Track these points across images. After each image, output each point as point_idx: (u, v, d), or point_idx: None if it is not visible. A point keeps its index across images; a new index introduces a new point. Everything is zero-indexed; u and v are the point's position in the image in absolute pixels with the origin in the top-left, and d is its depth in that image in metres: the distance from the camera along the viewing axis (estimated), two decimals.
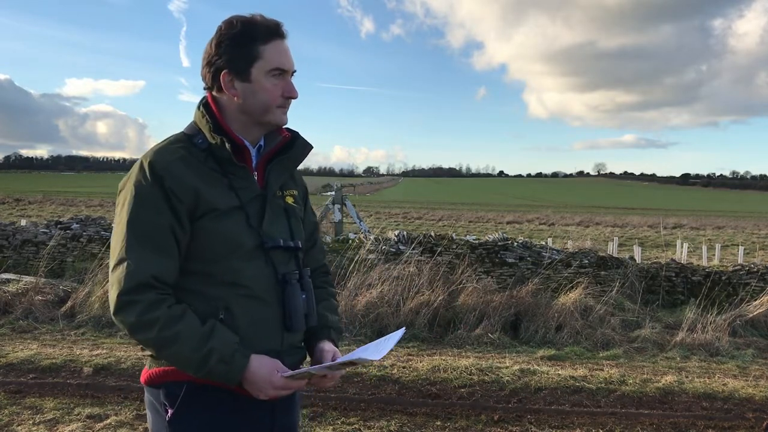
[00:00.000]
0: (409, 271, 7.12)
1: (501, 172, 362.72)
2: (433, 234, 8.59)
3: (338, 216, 12.93)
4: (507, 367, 5.30)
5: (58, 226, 9.04)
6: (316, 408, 4.26)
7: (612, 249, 14.63)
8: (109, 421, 3.95)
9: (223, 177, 1.60)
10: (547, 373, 5.19)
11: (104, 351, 5.51)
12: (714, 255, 15.45)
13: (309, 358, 1.75)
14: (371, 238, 8.46)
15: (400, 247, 8.09)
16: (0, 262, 8.27)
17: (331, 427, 3.98)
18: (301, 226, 1.76)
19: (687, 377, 5.29)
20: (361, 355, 1.51)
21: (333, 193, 13.62)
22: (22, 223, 10.46)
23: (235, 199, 1.59)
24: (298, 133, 1.75)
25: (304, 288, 1.68)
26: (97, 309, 6.54)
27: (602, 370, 5.40)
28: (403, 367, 5.22)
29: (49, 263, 7.92)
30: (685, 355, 6.15)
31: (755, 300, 7.38)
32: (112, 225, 1.69)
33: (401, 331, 1.69)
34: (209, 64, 1.62)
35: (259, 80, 1.60)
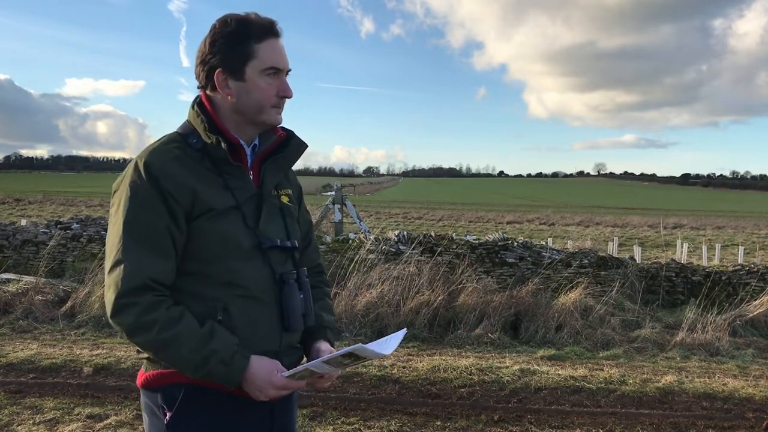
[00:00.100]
0: (409, 271, 7.12)
1: (501, 172, 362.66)
2: (433, 234, 8.59)
3: (338, 216, 12.93)
4: (507, 367, 5.30)
5: (58, 226, 9.04)
6: (316, 408, 4.26)
7: (612, 249, 14.64)
8: (109, 421, 3.95)
9: (218, 177, 1.58)
10: (547, 373, 5.19)
11: (104, 351, 5.51)
12: (714, 255, 15.45)
13: (305, 359, 1.74)
14: (371, 238, 8.46)
15: (400, 247, 8.09)
16: (0, 262, 8.27)
17: (331, 427, 3.98)
18: (296, 226, 1.75)
19: (687, 377, 5.29)
20: (361, 347, 1.48)
21: (333, 193, 13.61)
22: (22, 223, 10.47)
23: (232, 199, 1.58)
24: (293, 132, 1.74)
25: (301, 288, 1.67)
26: (97, 309, 6.54)
27: (602, 370, 5.40)
28: (403, 367, 5.22)
29: (49, 263, 7.92)
30: (685, 355, 6.15)
31: (755, 300, 7.38)
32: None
33: (402, 332, 1.68)
34: (203, 62, 1.61)
35: (254, 79, 1.58)
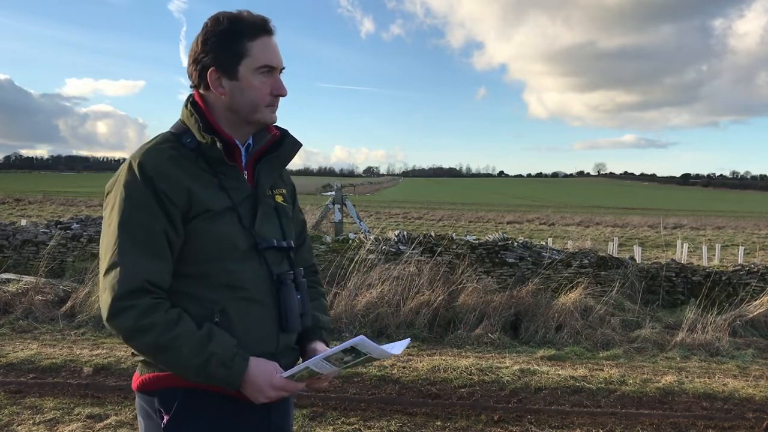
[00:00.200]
0: (409, 271, 7.12)
1: (501, 172, 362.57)
2: (433, 234, 8.59)
3: (338, 216, 12.94)
4: (507, 367, 5.30)
5: (59, 226, 9.04)
6: (316, 408, 4.26)
7: (612, 249, 14.63)
8: (109, 421, 3.95)
9: (213, 177, 1.56)
10: (547, 373, 5.19)
11: (104, 351, 5.51)
12: (714, 255, 15.45)
13: (301, 360, 1.72)
14: (371, 238, 8.46)
15: (400, 247, 8.08)
16: (0, 262, 8.27)
17: (331, 427, 3.97)
18: (291, 226, 1.74)
19: (687, 377, 5.29)
20: (362, 339, 1.46)
21: (333, 193, 13.62)
22: (23, 223, 10.47)
23: (227, 200, 1.56)
24: (287, 131, 1.71)
25: (298, 288, 1.65)
26: (97, 309, 6.53)
27: (602, 370, 5.39)
28: (403, 367, 5.22)
29: (49, 263, 7.92)
30: (685, 355, 6.15)
31: (755, 300, 7.38)
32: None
33: (406, 341, 1.66)
34: (196, 61, 1.58)
35: (247, 78, 1.56)
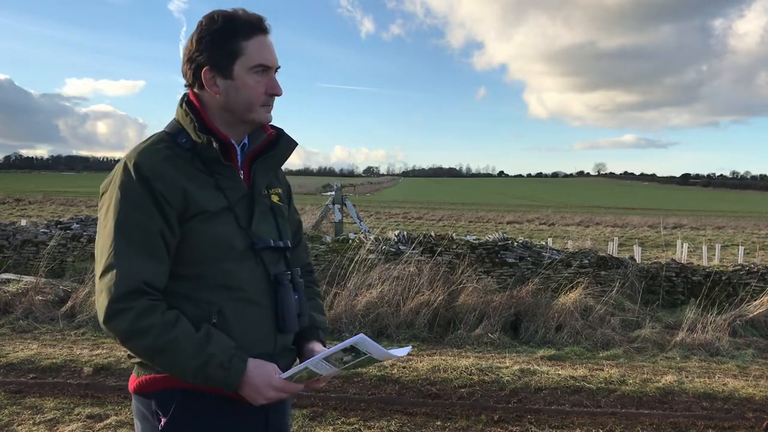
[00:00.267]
0: (409, 271, 7.12)
1: (501, 172, 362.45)
2: (433, 234, 8.59)
3: (338, 216, 12.94)
4: (507, 367, 5.30)
5: (59, 226, 9.04)
6: (316, 408, 4.26)
7: (612, 249, 14.63)
8: (109, 421, 3.95)
9: (209, 177, 1.54)
10: (547, 373, 5.19)
11: (104, 351, 5.51)
12: (714, 255, 15.44)
13: (298, 361, 1.72)
14: (371, 238, 8.46)
15: (400, 247, 8.09)
16: (0, 262, 8.27)
17: (331, 427, 3.98)
18: (287, 226, 1.73)
19: (687, 377, 5.29)
20: (362, 338, 1.45)
21: (333, 193, 13.63)
22: (23, 223, 10.47)
23: (224, 200, 1.54)
24: (282, 131, 1.70)
25: (296, 288, 1.64)
26: None
27: (602, 370, 5.40)
28: (403, 367, 5.22)
29: (49, 263, 7.92)
30: (685, 355, 6.15)
31: (755, 300, 7.38)
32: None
33: (407, 349, 1.66)
34: (190, 60, 1.56)
35: (242, 77, 1.54)
